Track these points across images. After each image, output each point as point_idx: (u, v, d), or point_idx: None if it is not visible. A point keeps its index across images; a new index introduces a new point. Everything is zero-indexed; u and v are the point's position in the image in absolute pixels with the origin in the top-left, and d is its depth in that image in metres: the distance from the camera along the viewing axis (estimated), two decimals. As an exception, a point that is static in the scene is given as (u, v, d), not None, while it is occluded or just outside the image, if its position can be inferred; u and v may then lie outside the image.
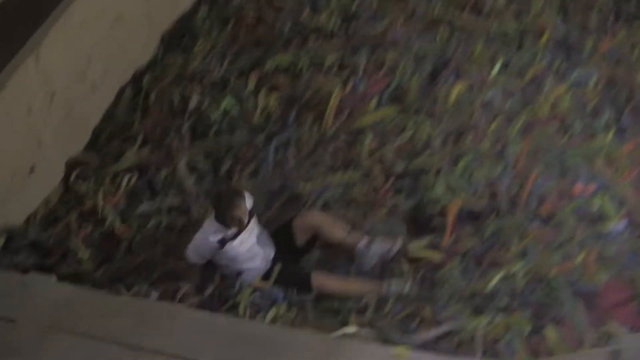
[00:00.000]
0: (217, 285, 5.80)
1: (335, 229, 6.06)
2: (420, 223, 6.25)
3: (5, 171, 5.94)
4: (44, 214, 6.41)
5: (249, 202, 5.80)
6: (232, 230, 5.73)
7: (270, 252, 5.95)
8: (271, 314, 5.55)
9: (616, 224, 6.16)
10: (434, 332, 5.46)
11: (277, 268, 5.83)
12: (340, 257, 6.10)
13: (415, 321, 5.58)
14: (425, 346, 5.34)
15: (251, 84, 7.55)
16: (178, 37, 8.32)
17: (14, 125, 5.95)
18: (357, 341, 5.01)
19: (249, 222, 5.80)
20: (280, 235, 6.07)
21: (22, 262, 5.89)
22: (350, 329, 5.19)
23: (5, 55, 5.91)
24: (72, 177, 6.72)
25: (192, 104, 7.31)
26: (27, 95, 6.03)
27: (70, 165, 6.84)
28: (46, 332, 4.67)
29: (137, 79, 7.79)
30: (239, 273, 5.85)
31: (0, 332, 4.73)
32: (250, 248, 5.82)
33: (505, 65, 7.70)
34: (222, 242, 5.72)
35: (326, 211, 6.32)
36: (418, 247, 6.03)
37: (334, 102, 7.16)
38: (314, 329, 5.26)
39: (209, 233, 5.74)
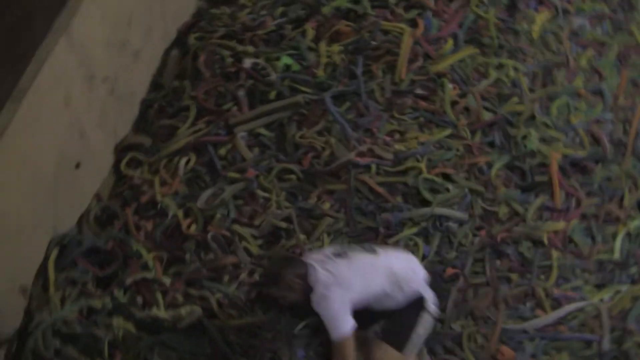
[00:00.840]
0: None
1: None
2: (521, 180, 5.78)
3: (49, 171, 5.16)
4: (97, 212, 5.65)
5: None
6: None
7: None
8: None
9: None
10: (555, 315, 5.06)
11: None
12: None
13: (529, 302, 5.20)
14: (545, 330, 4.99)
15: (309, 35, 6.70)
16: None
17: (52, 118, 5.17)
18: None
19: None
20: None
21: (81, 278, 5.18)
22: None
23: (38, 32, 5.12)
24: (123, 164, 5.98)
25: (247, 63, 6.48)
26: (64, 82, 5.23)
27: (120, 151, 6.09)
28: None
29: (182, 38, 6.93)
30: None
31: None
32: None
33: (589, -14, 7.15)
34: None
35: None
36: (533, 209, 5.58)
37: (405, 47, 6.40)
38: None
39: None
